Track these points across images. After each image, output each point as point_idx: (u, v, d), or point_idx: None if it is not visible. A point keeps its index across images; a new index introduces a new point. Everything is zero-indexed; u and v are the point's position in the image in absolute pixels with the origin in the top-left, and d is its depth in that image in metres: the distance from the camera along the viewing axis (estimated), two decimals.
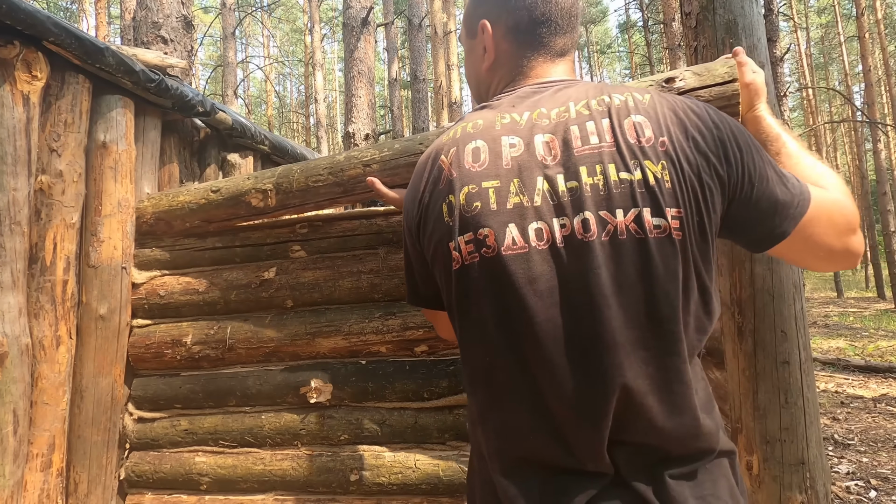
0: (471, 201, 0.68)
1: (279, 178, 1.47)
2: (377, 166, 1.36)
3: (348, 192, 1.40)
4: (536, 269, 0.64)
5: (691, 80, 1.08)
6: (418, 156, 1.33)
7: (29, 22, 1.32)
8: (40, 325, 1.42)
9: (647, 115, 0.67)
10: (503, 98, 0.78)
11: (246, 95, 26.67)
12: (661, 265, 0.62)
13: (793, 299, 1.24)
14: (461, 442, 1.36)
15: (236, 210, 1.53)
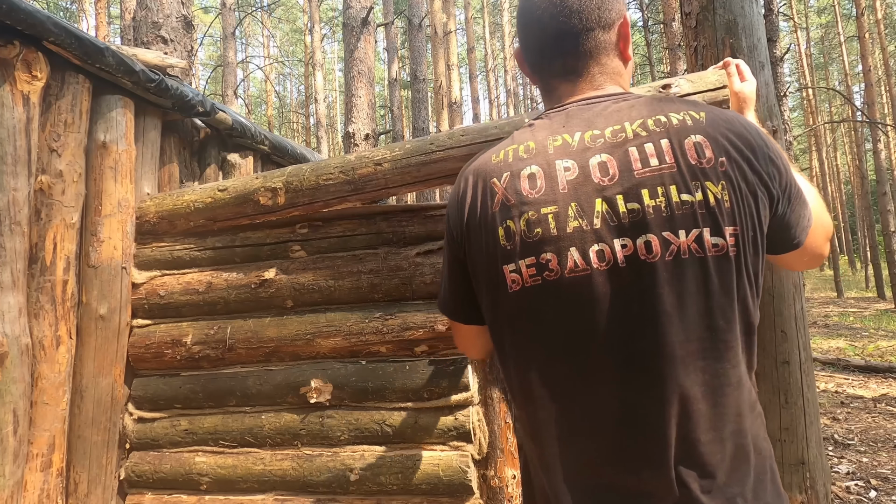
0: (532, 227, 0.70)
1: (289, 176, 1.49)
2: (388, 165, 1.38)
3: (358, 190, 1.42)
4: (599, 290, 0.67)
5: (686, 87, 1.15)
6: (429, 155, 1.35)
7: (29, 22, 1.32)
8: (40, 325, 1.42)
9: (706, 135, 0.69)
10: (553, 116, 0.78)
11: (246, 95, 26.66)
12: (717, 281, 0.65)
13: (793, 299, 1.24)
14: (461, 442, 1.36)
15: (243, 209, 1.54)
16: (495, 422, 1.39)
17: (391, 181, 1.41)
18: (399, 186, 1.42)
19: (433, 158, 1.37)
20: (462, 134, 1.36)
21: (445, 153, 1.36)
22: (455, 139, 1.36)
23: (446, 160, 1.36)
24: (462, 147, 1.35)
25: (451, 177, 1.40)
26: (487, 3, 25.68)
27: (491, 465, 1.37)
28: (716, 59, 1.34)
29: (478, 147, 1.34)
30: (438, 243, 1.43)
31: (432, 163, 1.37)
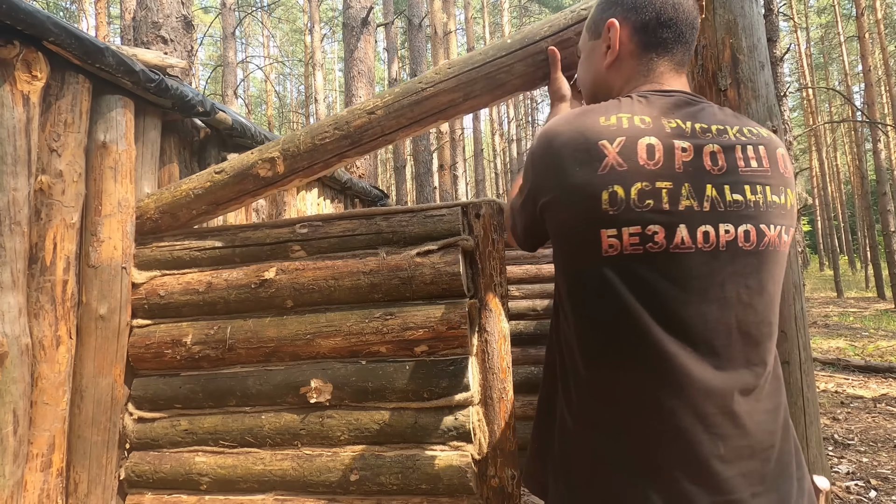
0: (643, 198, 0.73)
1: (284, 143, 1.50)
2: (381, 112, 1.40)
3: (356, 143, 1.43)
4: (698, 269, 0.73)
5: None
6: (419, 94, 1.37)
7: (29, 22, 1.32)
8: (40, 325, 1.42)
9: (784, 149, 0.82)
10: (652, 99, 0.82)
11: (246, 95, 26.66)
12: (780, 273, 0.78)
13: (793, 299, 1.24)
14: (461, 442, 1.36)
15: (244, 185, 1.54)
16: (495, 422, 1.39)
17: (387, 127, 1.42)
18: (395, 131, 1.42)
19: (424, 96, 1.38)
20: (448, 67, 1.38)
21: (435, 88, 1.37)
22: (443, 73, 1.38)
23: (437, 95, 1.38)
24: (451, 79, 1.36)
25: (444, 111, 1.40)
26: (487, 3, 25.68)
27: (491, 465, 1.37)
28: (716, 58, 1.34)
29: (466, 76, 1.35)
30: (438, 243, 1.43)
31: (424, 100, 1.38)
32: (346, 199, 3.96)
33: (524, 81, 1.35)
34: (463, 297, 1.42)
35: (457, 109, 1.39)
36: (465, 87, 1.36)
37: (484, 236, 1.45)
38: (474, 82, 1.35)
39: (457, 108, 1.38)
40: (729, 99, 1.29)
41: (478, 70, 1.34)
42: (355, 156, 1.48)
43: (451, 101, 1.37)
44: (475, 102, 1.38)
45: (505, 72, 1.33)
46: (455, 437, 1.36)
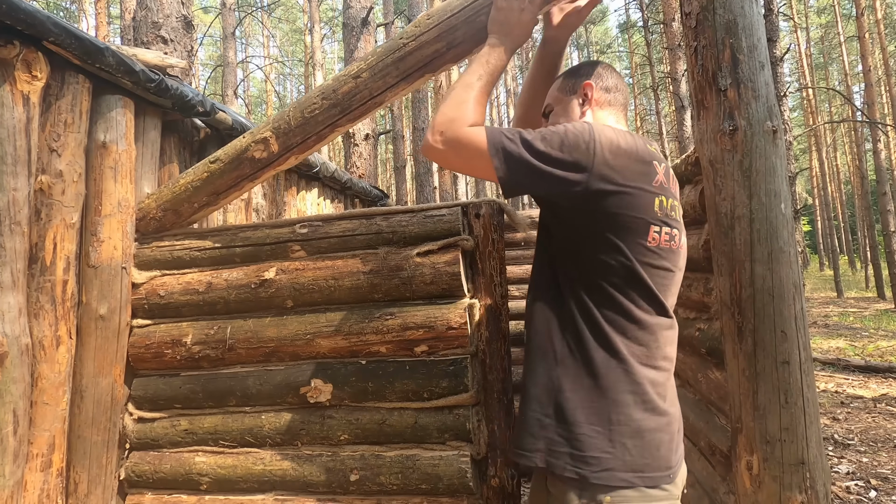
0: (666, 209, 1.07)
1: (275, 122, 1.51)
2: (367, 74, 1.40)
3: (346, 110, 1.43)
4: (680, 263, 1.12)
5: None
6: (402, 49, 1.37)
7: (29, 22, 1.32)
8: (40, 325, 1.42)
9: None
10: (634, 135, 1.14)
11: (246, 95, 26.66)
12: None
13: (793, 299, 1.24)
14: (461, 442, 1.36)
15: (241, 171, 1.55)
16: (495, 422, 1.39)
17: (374, 89, 1.41)
18: (383, 92, 1.41)
19: (407, 51, 1.37)
20: (427, 18, 1.37)
21: (417, 41, 1.36)
22: (423, 24, 1.36)
23: (420, 47, 1.37)
24: (431, 30, 1.35)
25: (429, 63, 1.38)
26: None
27: (491, 465, 1.37)
28: (716, 59, 1.34)
29: (446, 24, 1.33)
30: (438, 243, 1.43)
31: (408, 55, 1.37)
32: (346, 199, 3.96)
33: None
34: (463, 297, 1.42)
35: (442, 59, 1.36)
36: (447, 36, 1.34)
37: (484, 236, 1.45)
38: (455, 29, 1.33)
39: (442, 57, 1.36)
40: (729, 99, 1.29)
41: (457, 16, 1.32)
42: (347, 123, 1.46)
43: (435, 51, 1.35)
44: (459, 51, 1.35)
45: (485, 13, 1.30)
46: (455, 437, 1.36)
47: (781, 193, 1.26)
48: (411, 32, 1.37)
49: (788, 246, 1.24)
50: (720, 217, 1.32)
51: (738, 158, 1.29)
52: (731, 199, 1.29)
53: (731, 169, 1.29)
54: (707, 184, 1.40)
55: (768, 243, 1.24)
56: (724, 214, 1.31)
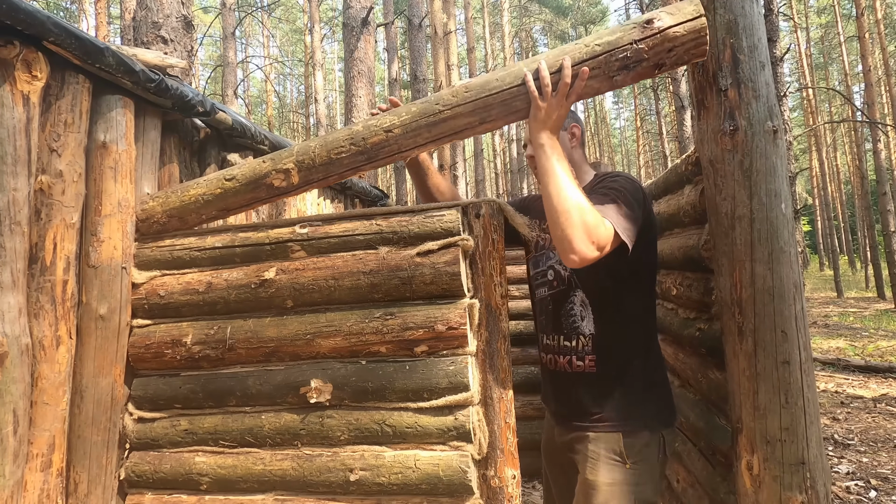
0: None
1: (298, 155, 1.50)
2: (399, 130, 1.42)
3: (371, 159, 1.46)
4: None
5: (667, 20, 1.26)
6: (437, 115, 1.40)
7: (29, 22, 1.32)
8: (40, 325, 1.42)
9: None
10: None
11: (246, 95, 26.65)
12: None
13: (793, 299, 1.24)
14: (461, 442, 1.36)
15: (257, 194, 1.55)
16: (495, 422, 1.39)
17: (403, 145, 1.44)
18: (411, 149, 1.45)
19: (441, 118, 1.40)
20: (466, 90, 1.38)
21: (453, 111, 1.39)
22: (460, 96, 1.38)
23: (455, 118, 1.39)
24: (468, 104, 1.37)
25: (460, 132, 1.42)
26: (487, 3, 25.67)
27: (491, 465, 1.37)
28: (716, 58, 1.34)
29: (482, 102, 1.36)
30: (438, 243, 1.43)
31: (441, 122, 1.40)
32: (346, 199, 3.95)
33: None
34: (463, 297, 1.42)
35: (473, 131, 1.42)
36: (482, 112, 1.38)
37: (484, 236, 1.45)
38: (490, 107, 1.37)
39: (473, 129, 1.41)
40: (729, 99, 1.29)
41: (494, 97, 1.36)
42: (369, 169, 1.50)
43: (467, 123, 1.39)
44: (490, 126, 1.41)
45: (520, 99, 1.35)
46: (455, 437, 1.36)
47: (782, 193, 1.26)
48: (448, 101, 1.39)
49: (789, 246, 1.24)
50: (721, 217, 1.33)
51: (739, 158, 1.29)
52: (732, 199, 1.29)
53: (732, 169, 1.29)
54: (707, 184, 1.40)
55: (769, 243, 1.24)
56: (724, 214, 1.31)
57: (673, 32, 1.24)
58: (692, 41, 1.24)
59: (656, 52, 1.26)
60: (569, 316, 1.55)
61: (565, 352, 1.56)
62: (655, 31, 1.25)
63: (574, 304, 1.54)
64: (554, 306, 1.59)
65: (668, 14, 1.26)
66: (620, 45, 1.27)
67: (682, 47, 1.25)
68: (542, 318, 1.65)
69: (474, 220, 1.46)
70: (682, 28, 1.24)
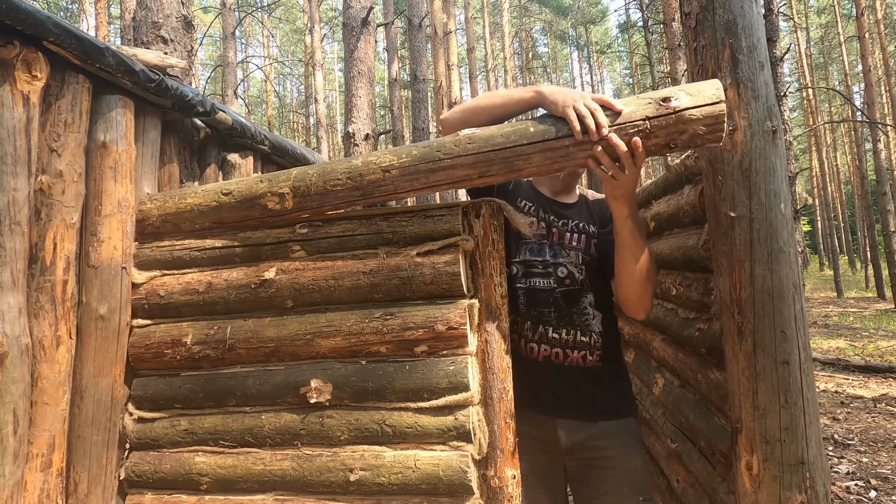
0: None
1: (295, 181, 1.50)
2: (396, 171, 1.40)
3: (367, 195, 1.45)
4: None
5: (685, 100, 1.21)
6: (437, 163, 1.38)
7: (29, 22, 1.32)
8: (40, 325, 1.42)
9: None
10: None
11: (246, 95, 26.64)
12: None
13: (793, 299, 1.24)
14: (461, 442, 1.36)
15: (250, 212, 1.55)
16: (495, 422, 1.39)
17: (399, 187, 1.43)
18: (407, 192, 1.45)
19: (441, 166, 1.38)
20: (469, 142, 1.37)
21: (453, 161, 1.37)
22: (462, 147, 1.37)
23: (454, 168, 1.38)
24: (469, 156, 1.36)
25: (458, 183, 1.41)
26: (487, 3, 25.66)
27: (491, 465, 1.38)
28: (716, 59, 1.34)
29: (484, 156, 1.35)
30: (438, 243, 1.43)
31: (440, 170, 1.39)
32: None
33: (539, 170, 1.36)
34: (463, 297, 1.42)
35: (470, 183, 1.41)
36: (482, 167, 1.36)
37: (484, 236, 1.45)
38: (491, 163, 1.35)
39: (470, 181, 1.40)
40: (729, 99, 1.29)
41: (497, 153, 1.34)
42: (363, 204, 1.51)
43: (466, 175, 1.38)
44: (488, 180, 1.39)
45: (523, 159, 1.33)
46: (455, 437, 1.36)
47: (781, 193, 1.26)
48: (450, 150, 1.37)
49: (788, 246, 1.24)
50: (720, 217, 1.33)
51: (738, 158, 1.29)
52: (731, 199, 1.29)
53: (731, 169, 1.29)
54: (707, 184, 1.40)
55: (768, 243, 1.24)
56: (724, 215, 1.31)
57: (689, 115, 1.19)
58: (708, 126, 1.19)
59: (669, 133, 1.22)
60: (582, 314, 1.61)
61: (581, 347, 1.59)
62: (671, 111, 1.20)
63: (586, 304, 1.62)
64: (567, 302, 1.61)
65: (687, 94, 1.21)
66: (633, 119, 1.23)
67: (697, 131, 1.20)
68: (543, 309, 1.61)
69: (474, 220, 1.46)
70: (699, 112, 1.19)
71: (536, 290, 1.62)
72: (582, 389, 1.59)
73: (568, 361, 1.59)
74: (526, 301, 1.64)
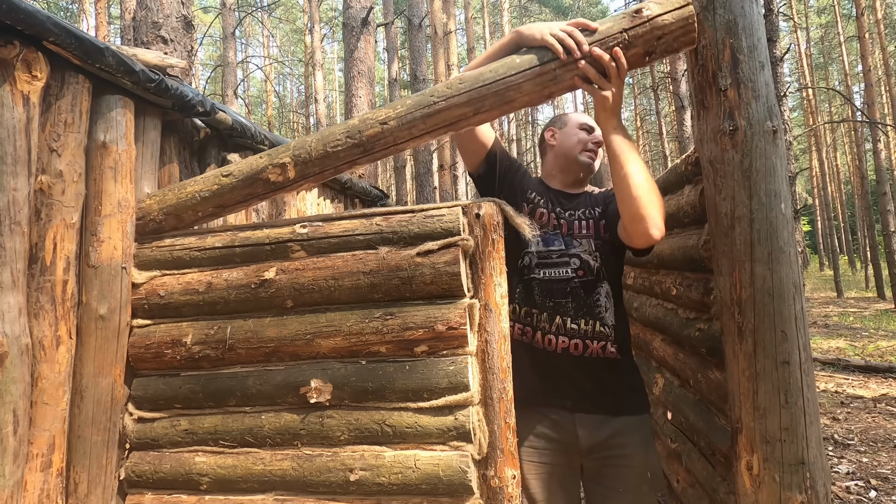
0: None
1: (295, 149, 1.52)
2: (394, 123, 1.44)
3: (367, 151, 1.47)
4: None
5: (655, 8, 1.33)
6: (431, 107, 1.43)
7: (29, 22, 1.32)
8: (40, 325, 1.42)
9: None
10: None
11: (246, 95, 26.65)
12: None
13: (793, 299, 1.24)
14: (461, 442, 1.36)
15: (253, 189, 1.56)
16: (495, 422, 1.39)
17: (399, 137, 1.46)
18: (406, 141, 1.47)
19: (436, 109, 1.43)
20: (460, 82, 1.43)
21: (447, 102, 1.42)
22: (454, 88, 1.42)
23: (449, 108, 1.42)
24: (462, 94, 1.41)
25: (454, 124, 1.45)
26: (487, 3, 25.66)
27: (491, 465, 1.37)
28: (716, 58, 1.34)
29: (476, 92, 1.41)
30: (438, 243, 1.43)
31: (436, 113, 1.43)
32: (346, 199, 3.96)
33: (531, 99, 1.42)
34: (463, 297, 1.42)
35: (467, 122, 1.44)
36: (476, 103, 1.41)
37: (484, 236, 1.45)
38: (484, 98, 1.40)
39: (467, 120, 1.44)
40: (729, 99, 1.29)
41: (488, 87, 1.40)
42: (365, 162, 1.52)
43: (461, 114, 1.42)
44: (484, 116, 1.43)
45: (514, 89, 1.39)
46: (455, 437, 1.36)
47: (781, 193, 1.26)
48: (443, 93, 1.43)
49: (788, 246, 1.24)
50: (720, 217, 1.33)
51: (738, 158, 1.29)
52: (732, 199, 1.29)
53: (731, 169, 1.29)
54: (707, 184, 1.40)
55: (768, 243, 1.24)
56: (724, 214, 1.31)
57: (661, 20, 1.31)
58: (680, 28, 1.31)
59: (646, 41, 1.33)
60: (596, 305, 1.61)
61: (600, 337, 1.60)
62: (644, 20, 1.32)
63: (601, 294, 1.62)
64: (585, 292, 1.61)
65: (657, 4, 1.33)
66: (612, 33, 1.34)
67: (671, 35, 1.32)
68: (560, 299, 1.61)
69: (474, 220, 1.46)
70: (669, 16, 1.31)
71: (552, 280, 1.62)
72: (602, 381, 1.58)
73: (588, 353, 1.58)
74: (541, 292, 1.63)
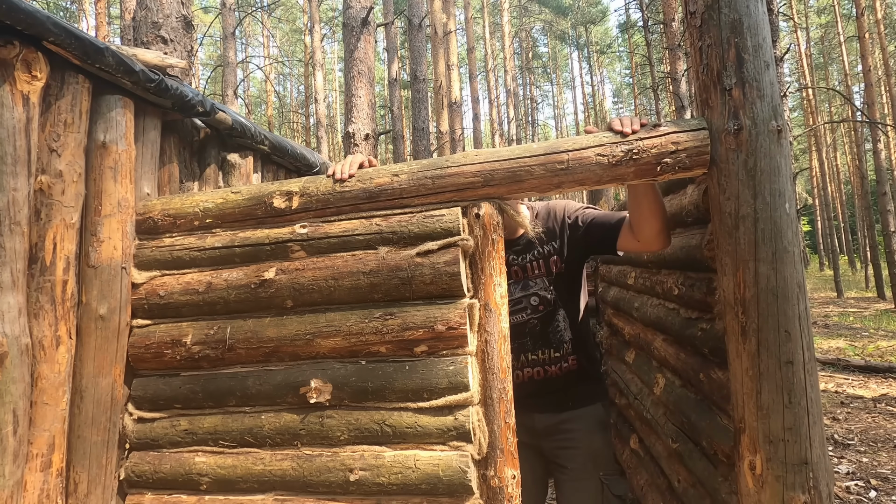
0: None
1: (306, 182, 1.58)
2: (405, 176, 1.49)
3: (373, 198, 1.51)
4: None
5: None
6: (443, 169, 1.48)
7: (29, 22, 1.31)
8: (40, 325, 1.42)
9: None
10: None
11: (246, 95, 26.65)
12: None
13: (797, 299, 1.23)
14: (461, 442, 1.36)
15: (253, 210, 1.59)
16: (495, 422, 1.38)
17: (406, 191, 1.49)
18: (413, 197, 1.49)
19: (447, 172, 1.47)
20: (476, 154, 1.49)
21: (459, 168, 1.46)
22: (469, 158, 1.48)
23: (459, 174, 1.46)
24: (475, 164, 1.46)
25: (462, 191, 1.46)
26: (487, 3, 25.68)
27: (491, 465, 1.37)
28: (721, 58, 1.33)
29: (489, 165, 1.44)
30: (438, 243, 1.42)
31: (446, 176, 1.47)
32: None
33: (539, 184, 1.44)
34: (463, 297, 1.42)
35: (474, 192, 1.47)
36: (486, 175, 1.44)
37: (484, 236, 1.44)
38: (495, 172, 1.44)
39: (474, 190, 1.46)
40: (734, 98, 1.29)
41: (501, 163, 1.44)
42: (369, 210, 1.54)
43: (469, 182, 1.45)
44: (491, 190, 1.46)
45: (525, 171, 1.42)
46: (455, 437, 1.36)
47: (786, 193, 1.25)
48: (456, 160, 1.48)
49: (793, 246, 1.24)
50: (724, 217, 1.32)
51: (743, 158, 1.28)
52: (736, 198, 1.29)
53: (736, 168, 1.29)
54: (711, 183, 1.39)
55: (773, 243, 1.24)
56: (728, 214, 1.30)
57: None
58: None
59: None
60: (556, 332, 1.83)
61: (555, 361, 1.83)
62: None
63: (559, 320, 1.84)
64: (542, 326, 1.83)
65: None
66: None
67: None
68: (524, 339, 1.83)
69: (474, 220, 1.45)
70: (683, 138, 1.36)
71: (514, 325, 1.78)
72: (556, 391, 1.84)
73: (548, 375, 1.83)
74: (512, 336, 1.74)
